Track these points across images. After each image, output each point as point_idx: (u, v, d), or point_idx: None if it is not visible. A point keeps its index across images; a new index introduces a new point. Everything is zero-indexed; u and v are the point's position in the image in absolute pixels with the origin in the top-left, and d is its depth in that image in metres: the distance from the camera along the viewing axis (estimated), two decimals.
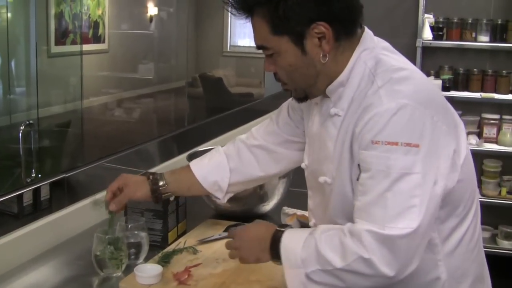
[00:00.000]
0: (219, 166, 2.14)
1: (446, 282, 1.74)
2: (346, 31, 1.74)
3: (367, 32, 1.80)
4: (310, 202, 2.01)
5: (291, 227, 1.83)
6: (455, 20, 5.27)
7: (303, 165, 2.00)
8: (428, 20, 5.16)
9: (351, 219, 1.71)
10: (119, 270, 2.05)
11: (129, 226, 2.17)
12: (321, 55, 1.71)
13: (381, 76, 1.68)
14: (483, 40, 5.23)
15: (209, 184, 2.13)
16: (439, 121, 1.64)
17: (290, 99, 2.12)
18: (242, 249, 1.89)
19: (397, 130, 1.59)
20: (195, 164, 2.16)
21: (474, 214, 1.80)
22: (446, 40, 5.28)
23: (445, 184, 1.64)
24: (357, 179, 1.68)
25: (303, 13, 1.67)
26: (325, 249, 1.64)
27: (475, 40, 5.26)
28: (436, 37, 5.20)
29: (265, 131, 2.17)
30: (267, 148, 2.14)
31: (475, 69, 5.30)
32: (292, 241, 1.74)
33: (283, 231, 1.79)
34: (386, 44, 1.83)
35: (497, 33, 5.21)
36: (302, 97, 1.85)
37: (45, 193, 2.41)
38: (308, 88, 1.81)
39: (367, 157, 1.63)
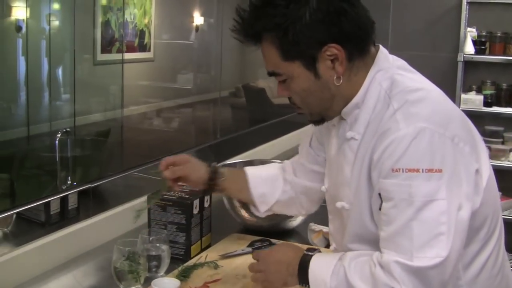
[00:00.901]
0: (274, 180, 2.14)
1: None
2: (359, 50, 1.69)
3: (382, 52, 1.75)
4: (330, 226, 1.98)
5: (319, 251, 1.80)
6: (499, 34, 5.20)
7: (323, 188, 1.97)
8: (470, 34, 5.10)
9: (370, 245, 1.68)
10: (137, 283, 2.04)
11: (151, 238, 2.16)
12: (335, 78, 1.67)
13: (396, 98, 1.64)
14: None
15: (257, 193, 2.12)
16: (460, 142, 1.60)
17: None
18: (269, 273, 1.85)
19: (417, 156, 1.55)
20: (250, 169, 2.17)
21: (498, 237, 1.75)
22: (489, 54, 5.21)
23: (471, 207, 1.59)
24: (379, 209, 1.63)
25: (313, 36, 1.63)
26: (354, 279, 1.61)
27: None
28: (479, 51, 5.13)
29: (294, 162, 2.18)
30: (299, 184, 2.13)
31: None
32: (321, 267, 1.70)
33: (311, 255, 1.76)
34: (401, 62, 1.78)
35: None
36: (319, 120, 1.82)
37: (72, 202, 2.42)
38: (324, 111, 1.78)
39: (388, 186, 1.58)
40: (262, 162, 2.95)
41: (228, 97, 4.26)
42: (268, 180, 2.13)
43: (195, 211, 2.31)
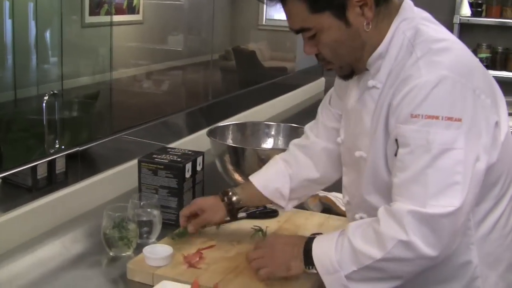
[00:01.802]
0: (278, 173, 2.08)
1: (478, 267, 1.67)
2: None
3: (407, 2, 1.71)
4: (344, 179, 1.93)
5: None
6: None
7: (338, 140, 1.92)
8: None
9: (383, 196, 1.66)
10: (129, 250, 1.97)
11: (142, 203, 2.09)
12: (364, 24, 1.63)
13: (420, 47, 1.60)
14: None
15: (270, 192, 2.06)
16: (482, 94, 1.57)
17: (331, 90, 2.07)
18: (273, 256, 1.79)
19: (438, 103, 1.51)
20: (254, 176, 2.11)
21: (511, 196, 1.71)
22: (485, 17, 5.15)
23: (487, 160, 1.56)
24: (395, 155, 1.59)
25: None
26: (359, 244, 1.58)
27: None
28: (475, 13, 5.07)
29: (309, 128, 2.14)
30: (319, 145, 2.07)
31: None
32: (324, 245, 1.68)
33: (314, 237, 1.73)
34: (426, 14, 1.73)
35: None
36: (349, 74, 1.77)
37: (60, 166, 2.34)
38: (355, 63, 1.72)
39: (406, 131, 1.54)
40: (254, 124, 2.91)
41: (218, 60, 4.19)
42: (273, 174, 2.09)
43: (188, 174, 2.23)
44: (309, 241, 1.72)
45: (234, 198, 2.06)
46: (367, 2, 1.61)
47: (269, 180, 2.07)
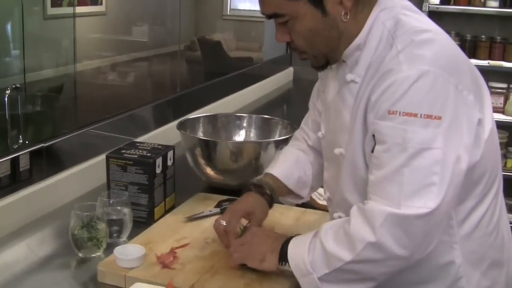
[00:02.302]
0: (298, 161, 2.01)
1: (461, 267, 1.63)
2: None
3: None
4: (325, 174, 1.88)
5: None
6: None
7: (319, 134, 1.87)
8: None
9: (361, 193, 1.61)
10: (99, 251, 1.88)
11: (111, 201, 2.00)
12: (342, 14, 1.56)
13: (401, 39, 1.53)
14: (493, 6, 5.08)
15: (293, 182, 1.99)
16: (464, 90, 1.50)
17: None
18: (252, 244, 1.74)
19: (417, 100, 1.45)
20: (272, 168, 2.03)
21: (495, 194, 1.67)
22: (454, 4, 5.13)
23: (469, 159, 1.51)
24: (372, 151, 1.54)
25: None
26: (331, 245, 1.54)
27: (484, 5, 5.11)
28: (443, 1, 5.04)
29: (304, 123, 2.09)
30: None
31: (483, 36, 5.16)
32: (298, 246, 1.63)
33: (294, 236, 1.69)
34: (407, 2, 1.66)
35: None
36: (324, 64, 1.70)
37: (24, 163, 2.23)
38: (330, 53, 1.66)
39: (383, 128, 1.49)
40: (225, 116, 2.85)
41: (183, 50, 4.11)
42: (293, 164, 2.01)
43: (158, 170, 2.15)
44: (289, 239, 1.68)
45: (270, 190, 1.96)
46: None
47: (290, 169, 2.00)
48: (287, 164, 2.01)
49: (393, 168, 1.47)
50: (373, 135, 1.53)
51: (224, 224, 1.85)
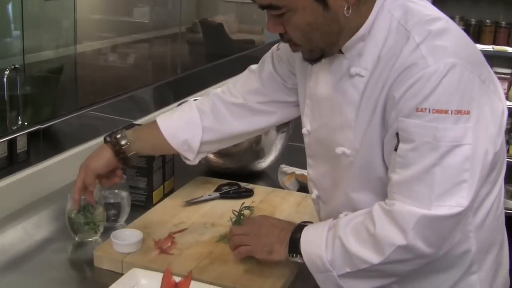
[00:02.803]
0: (190, 123, 1.88)
1: (475, 255, 1.59)
2: None
3: None
4: (310, 172, 1.80)
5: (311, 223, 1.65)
6: None
7: (304, 131, 1.76)
8: None
9: (375, 193, 1.55)
10: (96, 235, 1.86)
11: None
12: (345, 8, 1.46)
13: (417, 30, 1.44)
14: None
15: (178, 143, 1.87)
16: (486, 80, 1.45)
17: (274, 48, 1.88)
18: (258, 235, 1.67)
19: (447, 95, 1.38)
20: (163, 120, 1.90)
21: (502, 179, 1.63)
22: None
23: (494, 150, 1.47)
24: (395, 149, 1.46)
25: None
26: (354, 246, 1.47)
27: None
28: None
29: (245, 89, 1.91)
30: (249, 107, 1.89)
31: (487, 21, 5.08)
32: (312, 241, 1.56)
33: (304, 226, 1.61)
34: None
35: None
36: (318, 58, 1.58)
37: (22, 145, 2.20)
38: (328, 47, 1.55)
39: (410, 126, 1.41)
40: None
41: (185, 32, 4.08)
42: (185, 123, 1.89)
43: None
44: (298, 228, 1.61)
45: (122, 142, 1.84)
46: None
47: (179, 129, 1.88)
48: (178, 123, 1.89)
49: (423, 168, 1.40)
50: (396, 133, 1.46)
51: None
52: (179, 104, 2.55)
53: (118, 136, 1.84)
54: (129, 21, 3.62)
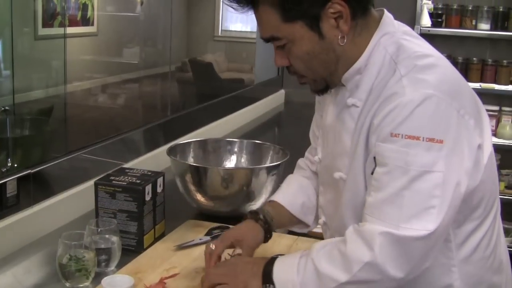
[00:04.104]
0: (302, 187, 1.98)
1: None
2: (362, 8, 1.58)
3: (387, 16, 1.64)
4: (321, 198, 1.87)
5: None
6: (455, 7, 5.12)
7: (316, 159, 1.87)
8: (426, 6, 5.00)
9: (360, 218, 1.58)
10: (87, 281, 1.84)
11: (99, 230, 1.96)
12: (339, 37, 1.56)
13: (404, 64, 1.53)
14: (484, 28, 5.07)
15: (297, 208, 1.94)
16: (466, 114, 1.50)
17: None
18: (233, 275, 1.69)
19: (420, 123, 1.45)
20: (276, 196, 1.98)
21: (494, 217, 1.67)
22: (445, 27, 5.14)
23: (468, 183, 1.51)
24: (371, 173, 1.53)
25: None
26: (324, 266, 1.51)
27: (475, 28, 5.10)
28: (435, 24, 5.04)
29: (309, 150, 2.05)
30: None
31: (474, 58, 5.14)
32: (285, 266, 1.60)
33: (276, 257, 1.65)
34: (407, 28, 1.68)
35: (499, 21, 5.06)
36: (323, 88, 1.69)
37: (11, 189, 2.19)
38: (329, 76, 1.65)
39: (385, 150, 1.49)
40: (216, 141, 2.83)
41: (175, 71, 4.10)
42: (297, 189, 1.98)
43: (148, 197, 2.11)
44: (270, 260, 1.65)
45: (268, 218, 1.90)
46: (343, 14, 1.54)
47: (294, 195, 1.96)
48: (290, 190, 1.98)
49: (394, 190, 1.46)
50: (374, 158, 1.53)
51: (213, 248, 1.81)
52: (169, 148, 2.55)
53: (264, 215, 1.90)
54: (119, 62, 3.64)
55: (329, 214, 1.81)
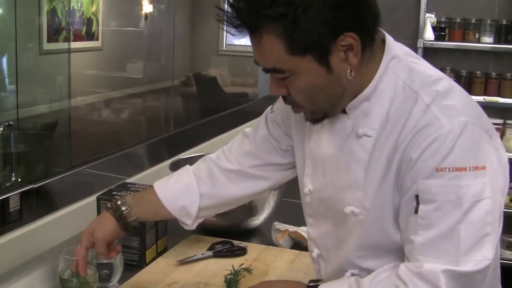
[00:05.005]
0: (188, 189, 1.88)
1: None
2: (370, 38, 1.48)
3: (389, 38, 1.55)
4: (311, 231, 1.77)
5: (323, 282, 1.61)
6: (458, 20, 5.10)
7: (306, 190, 1.73)
8: (429, 19, 4.99)
9: (379, 250, 1.55)
10: None
11: None
12: (348, 71, 1.46)
13: (424, 91, 1.46)
14: (487, 42, 5.06)
15: (176, 209, 1.86)
16: (493, 134, 1.48)
17: (268, 110, 1.89)
18: None
19: (464, 153, 1.39)
20: (160, 186, 1.89)
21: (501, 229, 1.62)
22: (448, 41, 5.12)
23: (504, 202, 1.49)
24: (415, 212, 1.44)
25: (328, 24, 1.40)
26: None
27: (479, 41, 5.09)
28: (438, 37, 5.03)
29: (240, 152, 1.91)
30: (245, 172, 1.88)
31: (478, 72, 5.12)
32: None
33: (317, 285, 1.58)
34: (407, 49, 1.59)
35: (502, 34, 5.04)
36: (321, 118, 1.58)
37: (14, 204, 2.20)
38: (331, 108, 1.55)
39: (431, 186, 1.41)
40: None
41: (179, 86, 4.11)
42: (183, 189, 1.88)
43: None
44: None
45: (123, 208, 1.83)
46: (353, 47, 1.43)
47: (177, 195, 1.87)
48: (176, 189, 1.88)
49: (448, 226, 1.40)
50: (416, 196, 1.45)
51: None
52: (172, 163, 2.56)
53: (119, 202, 1.84)
54: (123, 76, 3.66)
55: (326, 247, 1.73)
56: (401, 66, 1.51)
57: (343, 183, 1.59)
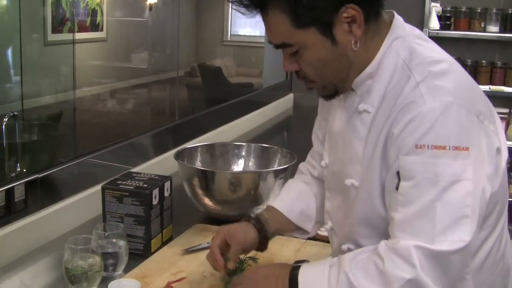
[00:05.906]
0: (301, 194, 1.94)
1: None
2: (375, 11, 1.54)
3: (398, 19, 1.60)
4: (328, 204, 1.82)
5: (308, 262, 1.64)
6: (463, 9, 5.11)
7: (323, 163, 1.80)
8: (435, 9, 5.00)
9: (375, 228, 1.58)
10: (93, 285, 1.84)
11: (106, 234, 1.96)
12: (352, 42, 1.52)
13: (418, 70, 1.49)
14: (493, 31, 5.07)
15: (296, 216, 1.91)
16: (485, 119, 1.48)
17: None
18: None
19: (445, 132, 1.41)
20: (276, 202, 1.95)
21: (503, 222, 1.64)
22: (454, 30, 5.12)
23: (491, 189, 1.47)
24: (396, 188, 1.48)
25: None
26: (361, 281, 1.45)
27: (484, 30, 5.10)
28: (443, 26, 5.03)
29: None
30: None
31: (483, 61, 5.13)
32: (312, 279, 1.54)
33: (299, 266, 1.60)
34: (418, 31, 1.63)
35: (508, 23, 5.06)
36: (332, 94, 1.64)
37: (19, 194, 2.20)
38: (340, 82, 1.61)
39: (410, 163, 1.43)
40: (224, 145, 2.82)
41: (184, 76, 4.10)
42: (296, 195, 1.95)
43: (155, 201, 2.11)
44: (293, 269, 1.59)
45: (262, 218, 1.87)
46: (356, 19, 1.49)
47: (293, 202, 1.93)
48: (289, 197, 1.95)
49: (424, 204, 1.41)
50: (397, 172, 1.48)
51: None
52: (176, 152, 2.55)
53: (259, 217, 1.88)
54: (128, 67, 3.65)
55: (336, 220, 1.77)
56: (404, 46, 1.55)
57: (347, 157, 1.65)
